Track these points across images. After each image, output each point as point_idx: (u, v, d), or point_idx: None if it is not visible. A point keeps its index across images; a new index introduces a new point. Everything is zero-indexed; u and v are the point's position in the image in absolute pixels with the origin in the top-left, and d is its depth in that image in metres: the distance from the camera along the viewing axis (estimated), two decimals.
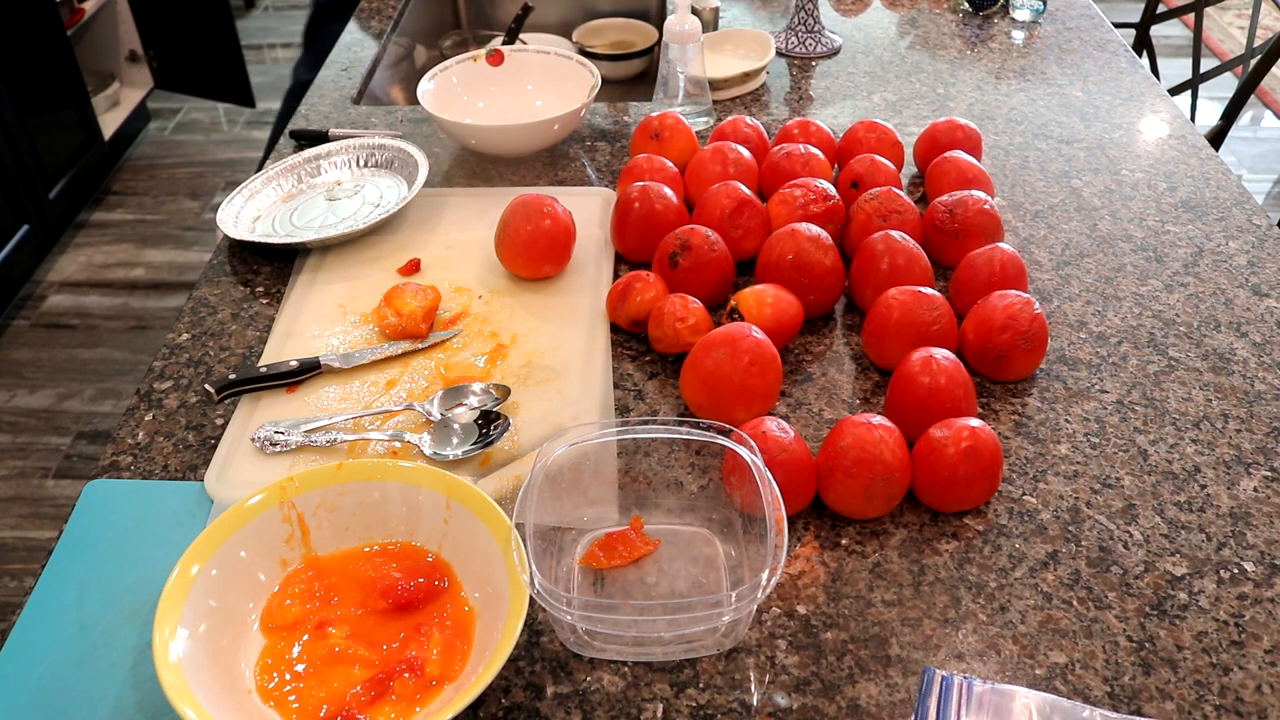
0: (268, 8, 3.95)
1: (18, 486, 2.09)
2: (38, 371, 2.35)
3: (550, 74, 1.33)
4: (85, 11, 2.84)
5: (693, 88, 1.29)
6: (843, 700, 0.68)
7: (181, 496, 0.83)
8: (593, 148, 1.28)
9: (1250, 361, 0.95)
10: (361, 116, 1.36)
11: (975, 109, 1.35)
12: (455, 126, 1.20)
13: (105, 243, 2.74)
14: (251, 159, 3.04)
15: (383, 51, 1.55)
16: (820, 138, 1.18)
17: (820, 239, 0.97)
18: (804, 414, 0.90)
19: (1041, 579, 0.76)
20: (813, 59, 1.48)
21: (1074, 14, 1.59)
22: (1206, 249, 1.09)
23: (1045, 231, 1.12)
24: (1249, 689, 0.69)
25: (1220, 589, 0.75)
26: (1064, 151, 1.26)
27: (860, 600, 0.74)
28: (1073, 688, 0.69)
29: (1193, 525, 0.80)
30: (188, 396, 0.93)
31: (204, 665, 0.65)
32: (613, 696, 0.68)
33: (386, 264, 1.07)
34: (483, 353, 0.96)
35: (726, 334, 0.86)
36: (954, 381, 0.83)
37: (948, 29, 1.56)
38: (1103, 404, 0.90)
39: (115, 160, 3.02)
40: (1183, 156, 1.24)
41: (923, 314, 0.90)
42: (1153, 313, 1.00)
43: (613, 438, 0.78)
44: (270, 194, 1.18)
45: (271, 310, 1.03)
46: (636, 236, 1.05)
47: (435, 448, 0.84)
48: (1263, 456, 0.85)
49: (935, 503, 0.80)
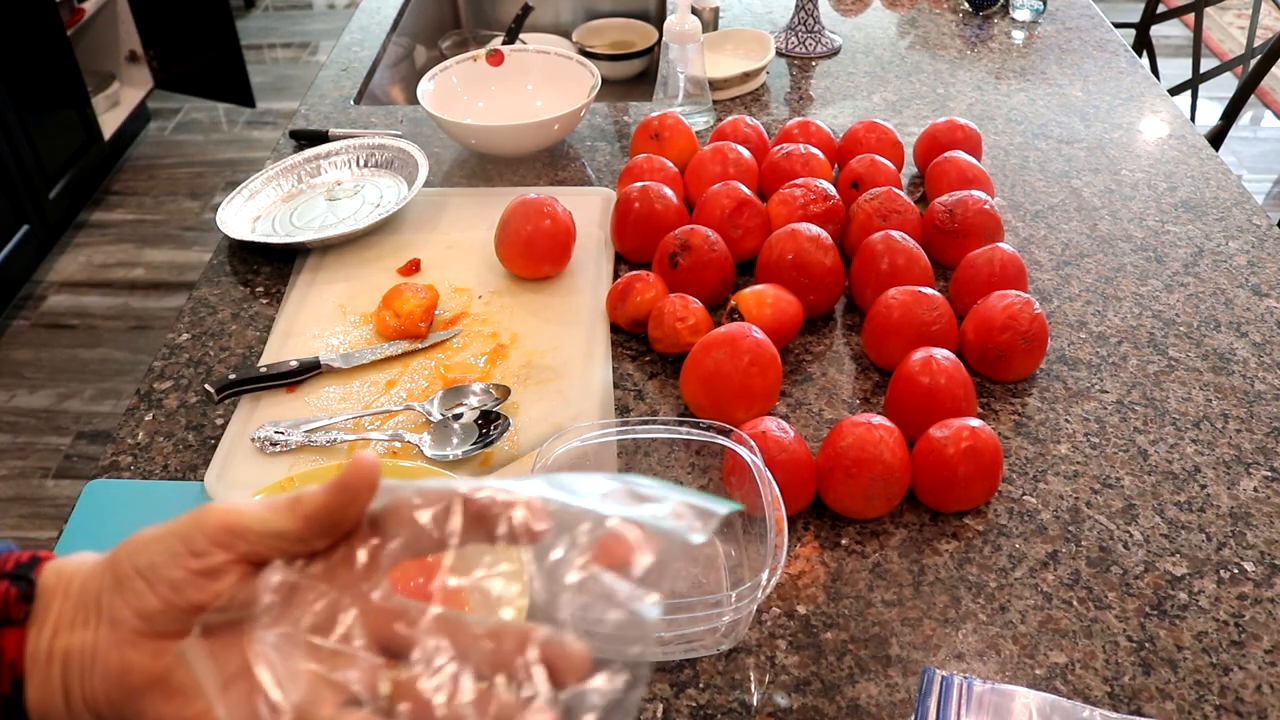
0: (268, 8, 3.95)
1: (18, 486, 2.09)
2: (38, 371, 2.35)
3: (550, 74, 1.33)
4: (85, 11, 2.84)
5: (693, 88, 1.29)
6: (843, 700, 0.68)
7: (181, 496, 0.83)
8: (593, 148, 1.28)
9: (1250, 361, 0.95)
10: (361, 116, 1.36)
11: (975, 109, 1.35)
12: (455, 126, 1.20)
13: (105, 243, 2.74)
14: (252, 159, 3.04)
15: (383, 51, 1.55)
16: (820, 138, 1.18)
17: (820, 239, 0.97)
18: (804, 414, 0.90)
19: (1041, 579, 0.76)
20: (813, 59, 1.48)
21: (1074, 14, 1.59)
22: (1206, 249, 1.09)
23: (1045, 231, 1.12)
24: (1249, 689, 0.69)
25: (1220, 589, 0.75)
26: (1064, 151, 1.26)
27: (860, 600, 0.74)
28: (1073, 688, 0.69)
29: (1193, 525, 0.80)
30: (188, 396, 0.93)
31: None
32: None
33: (386, 264, 1.07)
34: (483, 353, 0.96)
35: (726, 334, 0.86)
36: (954, 381, 0.83)
37: (948, 29, 1.56)
38: (1103, 404, 0.90)
39: (115, 160, 3.02)
40: (1183, 156, 1.24)
41: (923, 314, 0.90)
42: (1153, 313, 1.00)
43: (613, 438, 0.78)
44: (270, 194, 1.18)
45: (271, 310, 1.03)
46: (636, 236, 1.05)
47: (435, 448, 0.84)
48: (1263, 456, 0.85)
49: (935, 503, 0.80)
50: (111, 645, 0.39)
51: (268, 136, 3.16)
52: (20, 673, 0.40)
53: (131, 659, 0.39)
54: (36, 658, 0.40)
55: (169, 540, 0.40)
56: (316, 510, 0.39)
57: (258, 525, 0.39)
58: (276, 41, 3.72)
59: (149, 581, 0.39)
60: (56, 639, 0.40)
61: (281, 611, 0.39)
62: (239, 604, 0.39)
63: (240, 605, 0.39)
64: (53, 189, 2.63)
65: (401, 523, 0.40)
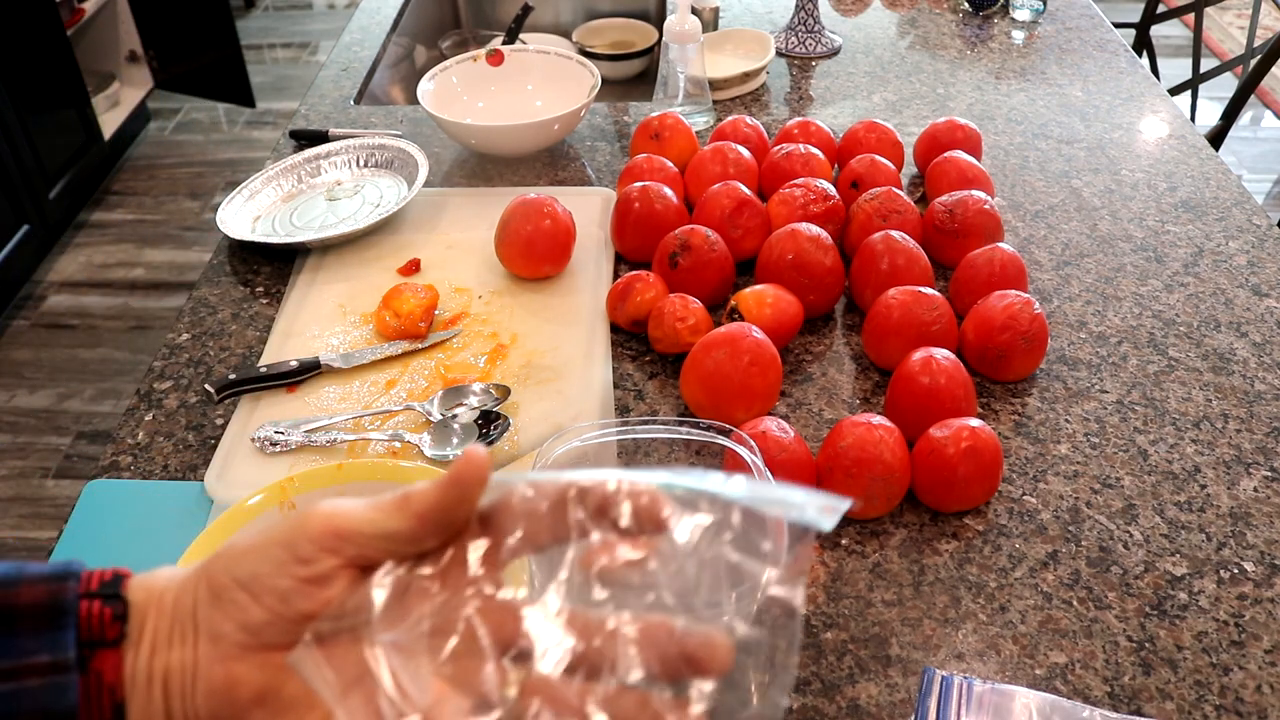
0: (268, 8, 3.95)
1: (18, 486, 2.09)
2: (38, 371, 2.35)
3: (550, 74, 1.33)
4: (85, 11, 2.84)
5: (693, 88, 1.29)
6: (843, 700, 0.68)
7: (181, 496, 0.83)
8: (593, 148, 1.28)
9: (1250, 361, 0.95)
10: (361, 116, 1.36)
11: (975, 109, 1.35)
12: (455, 126, 1.20)
13: (105, 243, 2.74)
14: (252, 159, 3.04)
15: (383, 51, 1.55)
16: (820, 138, 1.18)
17: (820, 239, 0.97)
18: (804, 414, 0.90)
19: (1041, 579, 0.76)
20: (813, 59, 1.48)
21: (1074, 14, 1.59)
22: (1206, 249, 1.09)
23: (1045, 231, 1.12)
24: (1249, 689, 0.69)
25: (1220, 589, 0.75)
26: (1064, 151, 1.26)
27: (860, 600, 0.74)
28: (1073, 688, 0.69)
29: (1193, 525, 0.80)
30: (188, 396, 0.93)
31: None
32: None
33: (386, 264, 1.07)
34: (483, 353, 0.96)
35: (726, 334, 0.86)
36: (954, 381, 0.83)
37: (948, 29, 1.56)
38: (1103, 404, 0.90)
39: (115, 160, 3.03)
40: (1183, 156, 1.24)
41: (923, 314, 0.90)
42: (1153, 313, 1.00)
43: (613, 438, 0.78)
44: (270, 194, 1.18)
45: (271, 310, 1.03)
46: (636, 236, 1.05)
47: (435, 448, 0.84)
48: (1263, 456, 0.85)
49: (935, 503, 0.80)
50: (214, 660, 0.37)
51: (268, 136, 3.16)
52: (121, 698, 0.38)
53: (237, 674, 0.37)
54: (135, 680, 0.38)
55: (271, 549, 0.38)
56: (428, 508, 0.38)
57: (367, 527, 0.38)
58: (276, 41, 3.72)
59: (253, 593, 0.37)
60: (155, 658, 0.38)
61: (398, 614, 0.37)
62: (351, 610, 0.37)
63: (352, 611, 0.37)
64: (53, 189, 2.63)
65: (516, 517, 0.38)
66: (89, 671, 0.37)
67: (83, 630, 0.37)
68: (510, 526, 0.38)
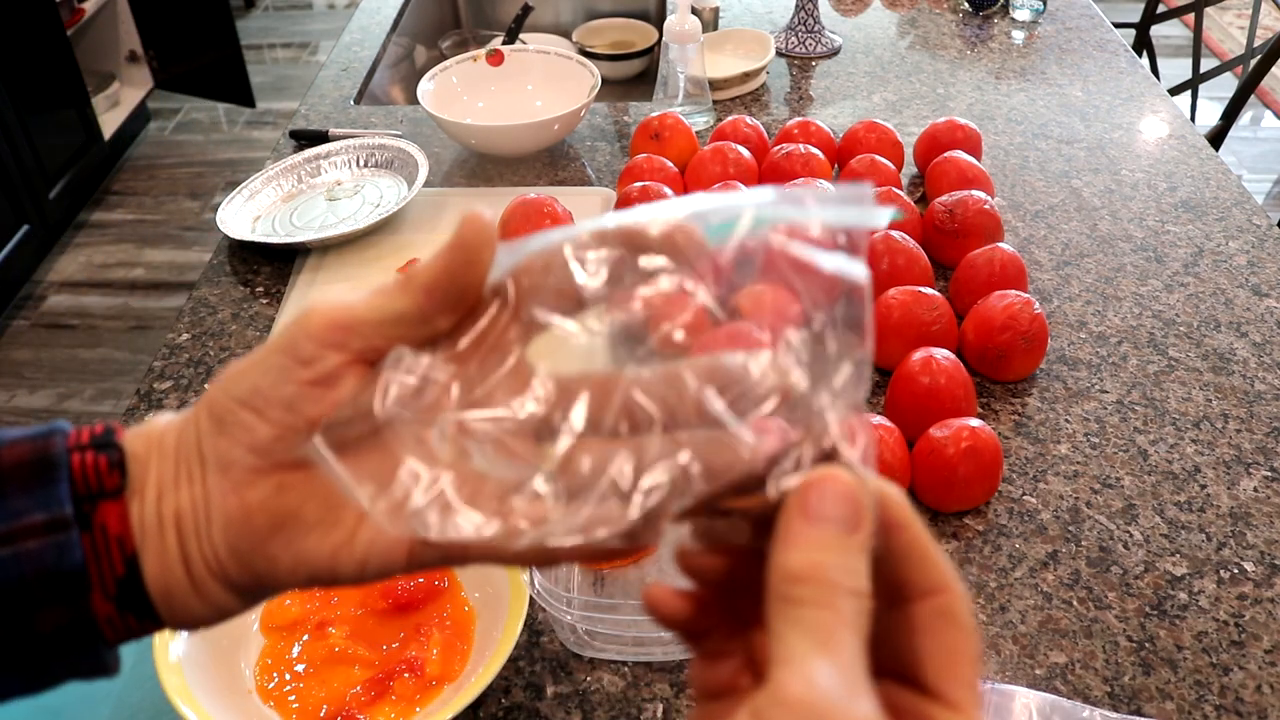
0: (268, 8, 3.95)
1: None
2: (38, 371, 2.35)
3: (550, 74, 1.33)
4: (85, 11, 2.84)
5: (693, 88, 1.29)
6: None
7: None
8: (593, 148, 1.28)
9: (1250, 361, 0.95)
10: (361, 116, 1.36)
11: (975, 109, 1.35)
12: (455, 126, 1.20)
13: (105, 243, 2.74)
14: (252, 159, 3.04)
15: (383, 51, 1.55)
16: (820, 138, 1.18)
17: None
18: None
19: (1041, 579, 0.76)
20: (813, 59, 1.48)
21: (1074, 14, 1.59)
22: (1206, 249, 1.09)
23: (1045, 231, 1.12)
24: (1249, 689, 0.69)
25: (1220, 589, 0.75)
26: (1064, 151, 1.26)
27: None
28: (1073, 688, 0.69)
29: (1193, 525, 0.80)
30: (188, 396, 0.93)
31: (204, 665, 0.65)
32: (613, 696, 0.68)
33: (386, 264, 1.07)
34: None
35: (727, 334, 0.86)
36: (954, 381, 0.83)
37: (948, 29, 1.56)
38: (1103, 404, 0.90)
39: (115, 160, 3.02)
40: (1183, 156, 1.24)
41: (923, 314, 0.90)
42: (1153, 313, 1.00)
43: None
44: (270, 194, 1.18)
45: (271, 310, 1.03)
46: None
47: None
48: (1263, 456, 0.85)
49: (935, 503, 0.80)
50: (227, 492, 0.34)
51: (268, 136, 3.16)
52: (132, 550, 0.34)
53: (252, 500, 0.34)
54: (145, 528, 0.35)
55: (270, 358, 0.34)
56: (434, 279, 0.34)
57: (372, 314, 0.34)
58: (276, 41, 3.72)
59: (256, 409, 0.34)
60: (163, 502, 0.35)
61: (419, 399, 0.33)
62: (365, 407, 0.33)
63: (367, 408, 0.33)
64: (53, 189, 2.63)
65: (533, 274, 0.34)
66: (93, 527, 0.34)
67: (78, 483, 0.35)
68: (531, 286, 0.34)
